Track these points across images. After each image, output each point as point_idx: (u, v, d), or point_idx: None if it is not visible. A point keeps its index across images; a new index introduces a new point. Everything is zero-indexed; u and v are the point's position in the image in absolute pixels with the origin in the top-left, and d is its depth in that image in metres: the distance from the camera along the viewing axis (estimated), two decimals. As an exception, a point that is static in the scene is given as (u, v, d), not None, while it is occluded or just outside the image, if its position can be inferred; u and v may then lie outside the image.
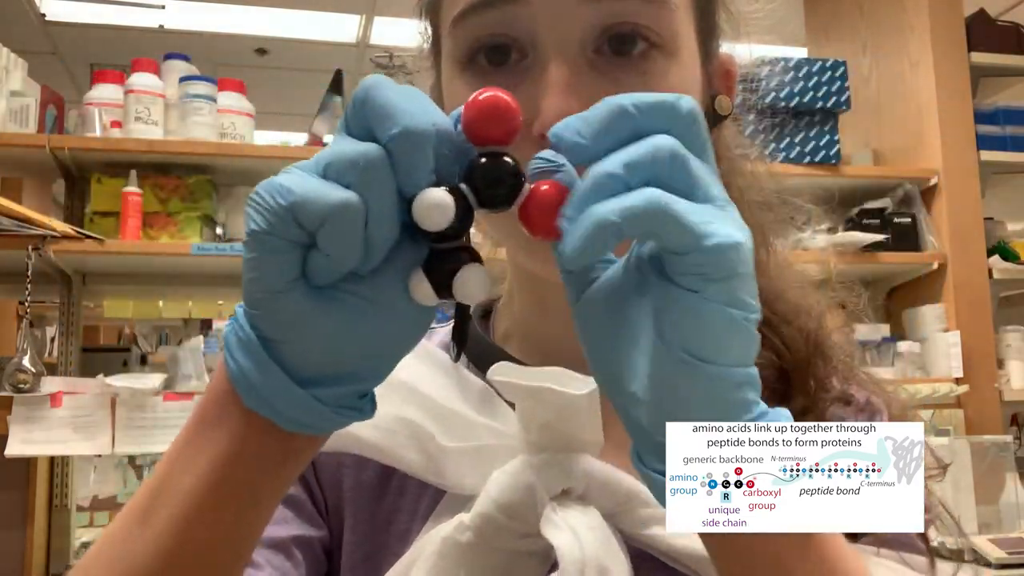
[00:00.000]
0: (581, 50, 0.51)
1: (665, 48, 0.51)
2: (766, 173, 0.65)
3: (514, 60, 0.52)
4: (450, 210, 0.37)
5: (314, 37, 4.54)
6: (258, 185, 0.37)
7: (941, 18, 2.88)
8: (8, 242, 2.06)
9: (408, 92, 0.37)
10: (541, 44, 0.51)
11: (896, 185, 2.89)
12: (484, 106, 0.38)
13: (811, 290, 0.63)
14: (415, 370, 0.59)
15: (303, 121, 2.87)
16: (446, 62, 0.56)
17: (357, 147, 0.36)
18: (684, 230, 0.35)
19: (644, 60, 0.51)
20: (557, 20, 0.50)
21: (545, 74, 0.50)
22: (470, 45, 0.52)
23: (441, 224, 0.37)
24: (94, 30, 4.38)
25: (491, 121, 0.38)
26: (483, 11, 0.51)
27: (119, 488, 3.83)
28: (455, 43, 0.54)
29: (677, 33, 0.52)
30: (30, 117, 2.29)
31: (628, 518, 0.51)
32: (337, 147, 0.37)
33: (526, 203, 0.39)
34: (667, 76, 0.52)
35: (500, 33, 0.51)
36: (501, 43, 0.52)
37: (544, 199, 0.38)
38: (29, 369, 2.00)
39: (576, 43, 0.51)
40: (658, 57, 0.51)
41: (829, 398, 0.59)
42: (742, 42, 0.61)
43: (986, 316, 2.80)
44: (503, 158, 0.39)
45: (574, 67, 0.50)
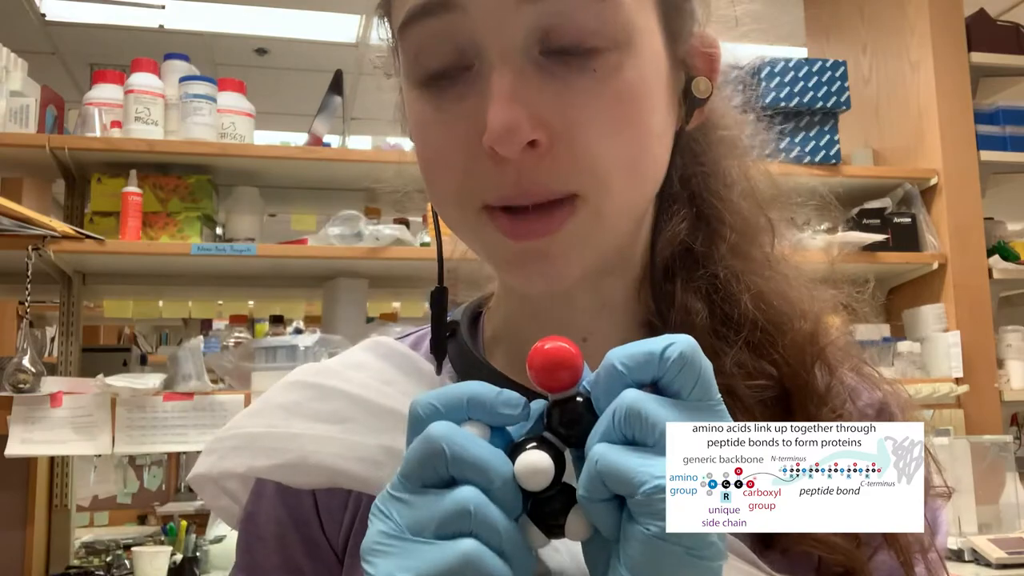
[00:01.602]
0: (525, 54, 0.49)
1: (614, 42, 0.49)
2: (766, 171, 0.64)
3: (461, 68, 0.51)
4: (551, 470, 0.40)
5: (314, 37, 4.54)
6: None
7: (941, 18, 2.88)
8: (8, 242, 2.06)
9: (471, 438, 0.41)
10: (484, 51, 0.49)
11: (896, 185, 2.89)
12: (549, 360, 0.41)
13: (814, 288, 0.62)
14: (401, 392, 0.59)
15: (303, 121, 2.87)
16: (402, 71, 0.55)
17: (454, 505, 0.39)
18: (620, 480, 0.38)
19: (594, 58, 0.49)
20: (497, 26, 0.49)
21: (489, 84, 0.49)
22: (416, 55, 0.52)
23: (544, 484, 0.40)
24: (94, 30, 4.39)
25: (557, 372, 0.41)
26: (423, 20, 0.50)
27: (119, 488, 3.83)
28: (404, 54, 0.53)
29: (627, 23, 0.50)
30: (30, 117, 2.29)
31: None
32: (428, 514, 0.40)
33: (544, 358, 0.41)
34: (620, 70, 0.50)
35: (444, 41, 0.50)
36: (446, 51, 0.50)
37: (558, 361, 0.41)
38: (29, 369, 2.00)
39: (519, 48, 0.49)
40: (609, 53, 0.49)
41: (834, 415, 0.58)
42: (724, 25, 0.59)
43: (986, 316, 2.80)
44: (575, 400, 0.41)
45: (520, 73, 0.49)
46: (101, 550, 2.60)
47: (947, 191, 2.81)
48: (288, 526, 0.60)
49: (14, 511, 2.25)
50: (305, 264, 2.46)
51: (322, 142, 2.59)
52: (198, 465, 0.62)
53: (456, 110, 0.51)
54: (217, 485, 0.63)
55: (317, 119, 2.63)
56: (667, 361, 0.40)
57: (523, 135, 0.47)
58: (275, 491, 0.60)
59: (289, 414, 0.60)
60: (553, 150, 0.49)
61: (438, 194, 0.54)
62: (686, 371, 0.40)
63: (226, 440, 0.61)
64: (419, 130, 0.54)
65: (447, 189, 0.53)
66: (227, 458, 0.61)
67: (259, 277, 2.65)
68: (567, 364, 0.41)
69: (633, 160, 0.51)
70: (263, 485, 0.61)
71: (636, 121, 0.51)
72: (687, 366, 0.40)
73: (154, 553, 2.34)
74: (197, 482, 0.63)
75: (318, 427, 0.58)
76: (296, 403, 0.60)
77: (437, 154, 0.52)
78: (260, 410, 0.62)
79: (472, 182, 0.51)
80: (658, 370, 0.40)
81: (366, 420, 0.58)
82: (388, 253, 2.34)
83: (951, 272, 2.77)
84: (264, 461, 0.59)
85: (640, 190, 0.54)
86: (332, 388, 0.60)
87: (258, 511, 0.61)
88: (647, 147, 0.52)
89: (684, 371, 0.40)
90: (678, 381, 0.40)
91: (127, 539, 2.79)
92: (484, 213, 0.51)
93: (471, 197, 0.51)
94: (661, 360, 0.40)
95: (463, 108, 0.50)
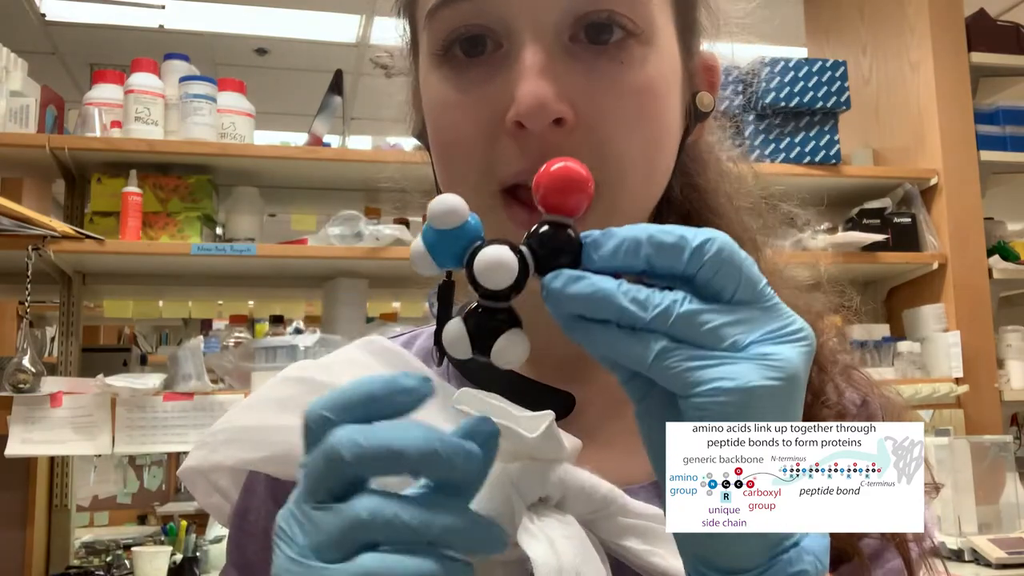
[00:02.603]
0: (556, 37, 0.50)
1: (642, 36, 0.51)
2: (755, 175, 0.64)
3: (490, 51, 0.51)
4: (513, 273, 0.38)
5: (314, 37, 4.54)
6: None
7: (941, 18, 2.88)
8: (8, 242, 2.06)
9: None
10: (516, 32, 0.50)
11: (896, 185, 2.89)
12: (557, 176, 0.39)
13: (804, 294, 0.62)
14: None
15: (303, 121, 2.87)
16: (423, 58, 0.55)
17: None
18: (676, 381, 0.36)
19: (620, 49, 0.51)
20: (531, 7, 0.50)
21: (519, 61, 0.50)
22: (445, 37, 0.52)
23: (500, 284, 0.38)
24: (94, 30, 4.39)
25: (563, 191, 0.39)
26: (457, 2, 0.51)
27: (119, 488, 3.84)
28: (431, 36, 0.53)
29: (654, 22, 0.52)
30: (30, 117, 2.29)
31: (605, 525, 0.49)
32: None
33: (551, 176, 0.39)
34: (645, 64, 0.51)
35: (475, 23, 0.51)
36: (476, 34, 0.51)
37: (572, 180, 0.39)
38: (29, 369, 2.00)
39: (551, 29, 0.50)
40: (635, 45, 0.51)
41: (831, 415, 0.58)
42: (727, 40, 0.61)
43: (986, 316, 2.80)
44: (567, 230, 0.39)
45: (549, 53, 0.50)
46: (101, 550, 2.60)
47: (947, 191, 2.81)
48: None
49: (14, 511, 2.25)
50: (305, 264, 2.46)
51: (322, 142, 2.59)
52: (189, 459, 0.62)
53: (480, 91, 0.51)
54: (208, 480, 0.63)
55: (317, 119, 2.63)
56: (703, 255, 0.37)
57: (552, 109, 0.48)
58: (266, 487, 0.60)
59: (281, 408, 0.60)
60: (577, 132, 0.50)
61: (455, 176, 0.54)
62: (726, 268, 0.37)
63: (218, 434, 0.61)
64: (439, 112, 0.54)
65: (465, 170, 0.53)
66: (218, 451, 0.61)
67: (259, 277, 2.65)
68: (580, 187, 0.39)
69: (649, 155, 0.52)
70: (254, 481, 0.61)
71: (655, 116, 0.52)
72: (726, 263, 0.37)
73: (154, 553, 2.35)
74: (188, 476, 0.63)
75: None
76: (289, 397, 0.60)
77: (457, 135, 0.53)
78: (252, 405, 0.62)
79: (491, 161, 0.51)
80: (689, 264, 0.37)
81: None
82: (388, 253, 2.34)
83: (951, 272, 2.77)
84: (254, 453, 0.59)
85: (651, 189, 0.55)
86: (324, 383, 0.60)
87: (249, 507, 0.61)
88: (662, 145, 0.53)
89: (723, 269, 0.37)
90: (718, 280, 0.37)
91: (127, 539, 2.79)
92: (500, 198, 0.51)
93: (488, 179, 0.51)
94: (695, 252, 0.37)
95: (488, 89, 0.51)
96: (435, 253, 0.40)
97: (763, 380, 0.36)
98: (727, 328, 0.37)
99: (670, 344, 0.37)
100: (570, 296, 0.38)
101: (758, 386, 0.36)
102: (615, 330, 0.38)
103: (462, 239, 0.39)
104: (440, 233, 0.39)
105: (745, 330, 0.37)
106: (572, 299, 0.38)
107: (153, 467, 4.62)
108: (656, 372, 0.37)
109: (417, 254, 0.41)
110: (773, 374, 0.36)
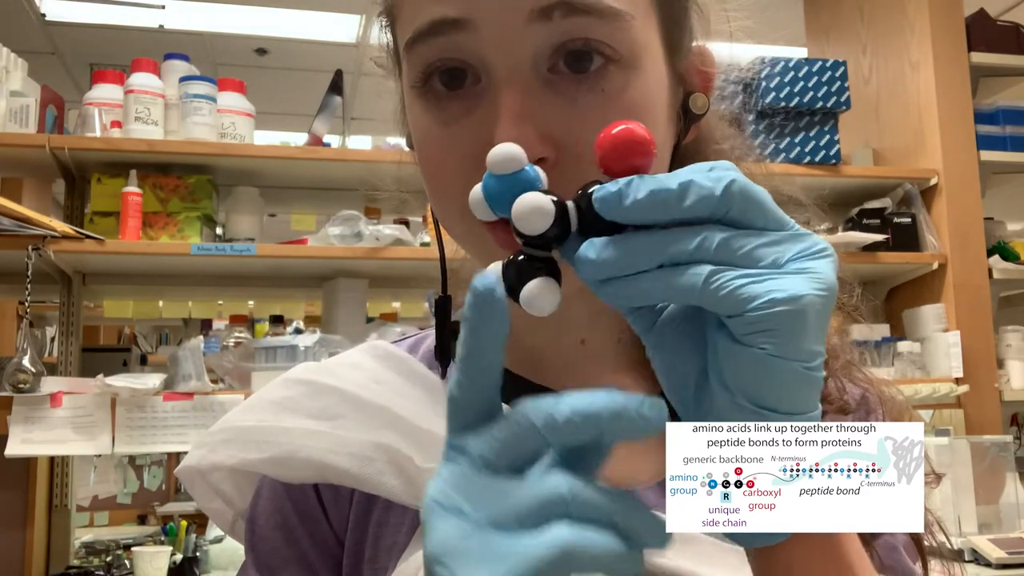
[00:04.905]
0: (534, 71, 0.50)
1: (623, 61, 0.50)
2: (761, 174, 0.64)
3: (469, 83, 0.51)
4: (549, 217, 0.38)
5: (314, 37, 4.54)
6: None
7: (941, 18, 2.88)
8: (8, 242, 2.06)
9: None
10: (493, 69, 0.50)
11: (896, 185, 2.89)
12: (619, 139, 0.39)
13: None
14: (394, 391, 0.59)
15: (303, 121, 2.86)
16: (405, 84, 0.55)
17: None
18: (728, 300, 0.36)
19: (601, 77, 0.50)
20: (506, 44, 0.49)
21: (497, 100, 0.49)
22: (423, 70, 0.52)
23: (536, 229, 0.38)
24: (94, 30, 4.38)
25: (625, 154, 0.39)
26: (431, 38, 0.50)
27: (119, 488, 3.84)
28: (410, 68, 0.53)
29: (635, 43, 0.51)
30: (30, 117, 2.29)
31: None
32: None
33: (615, 138, 0.39)
34: (626, 90, 0.50)
35: (452, 58, 0.51)
36: (454, 67, 0.51)
37: (635, 142, 0.38)
38: (29, 369, 2.00)
39: (528, 65, 0.49)
40: (615, 72, 0.50)
41: (832, 410, 0.58)
42: (727, 41, 0.60)
43: (986, 316, 2.80)
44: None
45: (528, 90, 0.49)
46: (101, 550, 2.60)
47: (947, 191, 2.81)
48: (293, 520, 0.60)
49: (14, 511, 2.25)
50: (305, 264, 2.46)
51: (322, 142, 2.59)
52: (188, 458, 0.63)
53: (460, 126, 0.51)
54: (207, 483, 0.63)
55: (317, 119, 2.63)
56: (733, 195, 0.38)
57: (531, 154, 0.48)
58: (278, 489, 0.60)
59: (281, 409, 0.60)
60: (560, 165, 0.49)
61: (441, 207, 0.55)
62: (752, 204, 0.38)
63: (217, 434, 0.62)
64: (423, 144, 0.54)
65: (450, 203, 0.53)
66: (217, 451, 0.61)
67: (259, 277, 2.65)
68: (643, 149, 0.38)
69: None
70: (263, 486, 0.61)
71: None
72: (750, 199, 0.38)
73: (154, 553, 2.35)
74: (186, 475, 0.63)
75: (309, 422, 0.59)
76: (289, 399, 0.60)
77: (441, 170, 0.53)
78: (252, 406, 0.62)
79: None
80: (718, 206, 0.37)
81: (357, 417, 0.59)
82: (388, 253, 2.34)
83: (951, 272, 2.77)
84: (254, 454, 0.59)
85: None
86: (325, 385, 0.60)
87: (257, 513, 0.61)
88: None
89: (750, 204, 0.38)
90: (748, 215, 0.38)
91: (127, 539, 2.80)
92: (486, 226, 0.52)
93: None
94: (725, 195, 0.37)
95: (469, 124, 0.51)
96: (491, 199, 0.41)
97: (811, 290, 0.37)
98: (764, 249, 0.37)
99: (716, 267, 0.37)
100: (615, 254, 0.38)
101: (808, 294, 0.36)
102: (656, 271, 0.38)
103: (517, 186, 0.40)
104: (497, 179, 0.40)
105: (781, 250, 0.38)
106: (617, 258, 0.38)
107: (153, 467, 4.62)
108: (707, 296, 0.37)
109: (475, 199, 0.41)
110: (818, 285, 0.37)
